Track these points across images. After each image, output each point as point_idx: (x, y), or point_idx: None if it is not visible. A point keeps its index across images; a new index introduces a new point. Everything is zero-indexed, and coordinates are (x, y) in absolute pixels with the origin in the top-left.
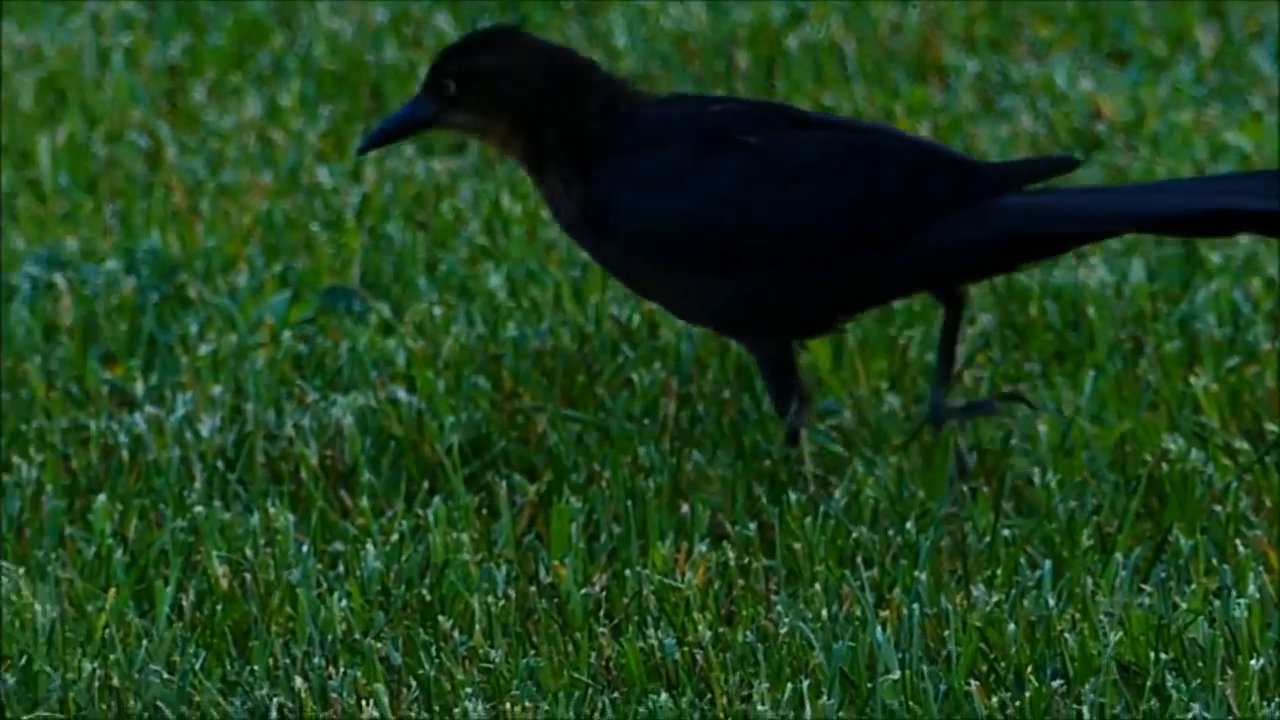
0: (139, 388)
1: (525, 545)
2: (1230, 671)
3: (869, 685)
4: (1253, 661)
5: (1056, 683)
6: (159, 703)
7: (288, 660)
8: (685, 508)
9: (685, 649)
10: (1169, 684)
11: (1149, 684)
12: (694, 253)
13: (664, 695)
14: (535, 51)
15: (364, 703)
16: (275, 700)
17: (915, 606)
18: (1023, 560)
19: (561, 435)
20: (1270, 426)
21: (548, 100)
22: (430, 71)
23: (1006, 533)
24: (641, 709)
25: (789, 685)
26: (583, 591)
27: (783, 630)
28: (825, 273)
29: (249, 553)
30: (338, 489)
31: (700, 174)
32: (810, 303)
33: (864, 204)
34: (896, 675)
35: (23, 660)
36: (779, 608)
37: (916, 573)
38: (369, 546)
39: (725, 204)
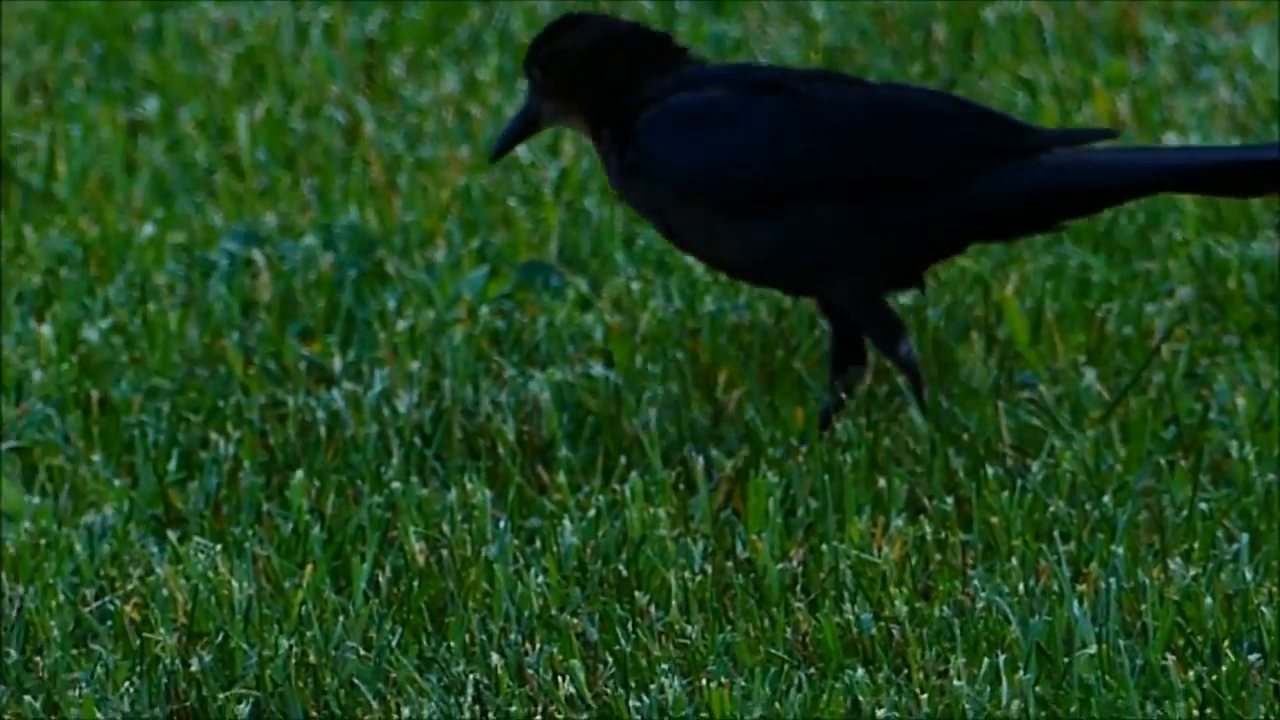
0: (337, 364)
1: (722, 520)
2: None
3: (1065, 660)
4: None
5: (1254, 657)
6: (355, 679)
7: (484, 636)
8: (882, 482)
9: (882, 624)
10: None
11: None
12: (730, 192)
13: (860, 670)
14: (606, 30)
15: (560, 679)
16: (472, 677)
17: (1112, 580)
18: (1220, 534)
19: (759, 409)
20: None
21: (612, 73)
22: (524, 68)
23: (1204, 506)
24: (838, 684)
25: (985, 660)
26: (779, 566)
27: (979, 605)
28: (865, 218)
29: (446, 529)
30: (535, 464)
31: (743, 113)
32: (848, 250)
33: (905, 150)
34: (1093, 650)
35: (220, 638)
36: (976, 582)
37: (1113, 547)
38: (566, 522)
39: (766, 142)
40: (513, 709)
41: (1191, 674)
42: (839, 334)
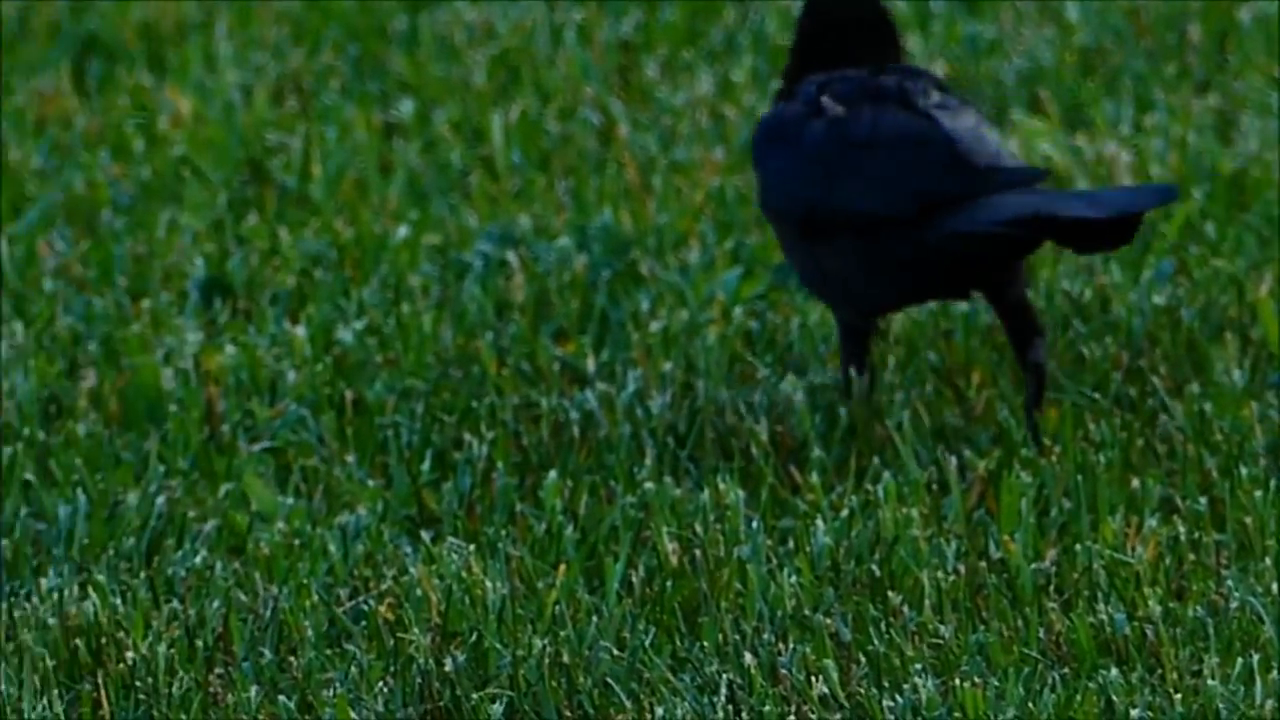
0: (590, 364)
1: (975, 520)
2: None
3: None
4: None
5: None
6: (609, 679)
7: (737, 636)
8: (1135, 482)
9: (1135, 624)
10: None
11: None
12: (771, 209)
13: (1114, 670)
14: (831, 11)
15: (814, 678)
16: (725, 676)
17: None
18: None
19: (1012, 410)
20: None
21: (807, 56)
22: None
23: None
24: (1091, 684)
25: (1239, 660)
26: (1032, 566)
27: (1233, 605)
28: (859, 249)
29: (699, 529)
30: (788, 465)
31: (793, 137)
32: (850, 277)
33: (877, 189)
34: None
35: (473, 637)
36: (1229, 582)
37: None
38: (819, 522)
39: (789, 170)
40: (766, 709)
41: None
42: (1005, 322)
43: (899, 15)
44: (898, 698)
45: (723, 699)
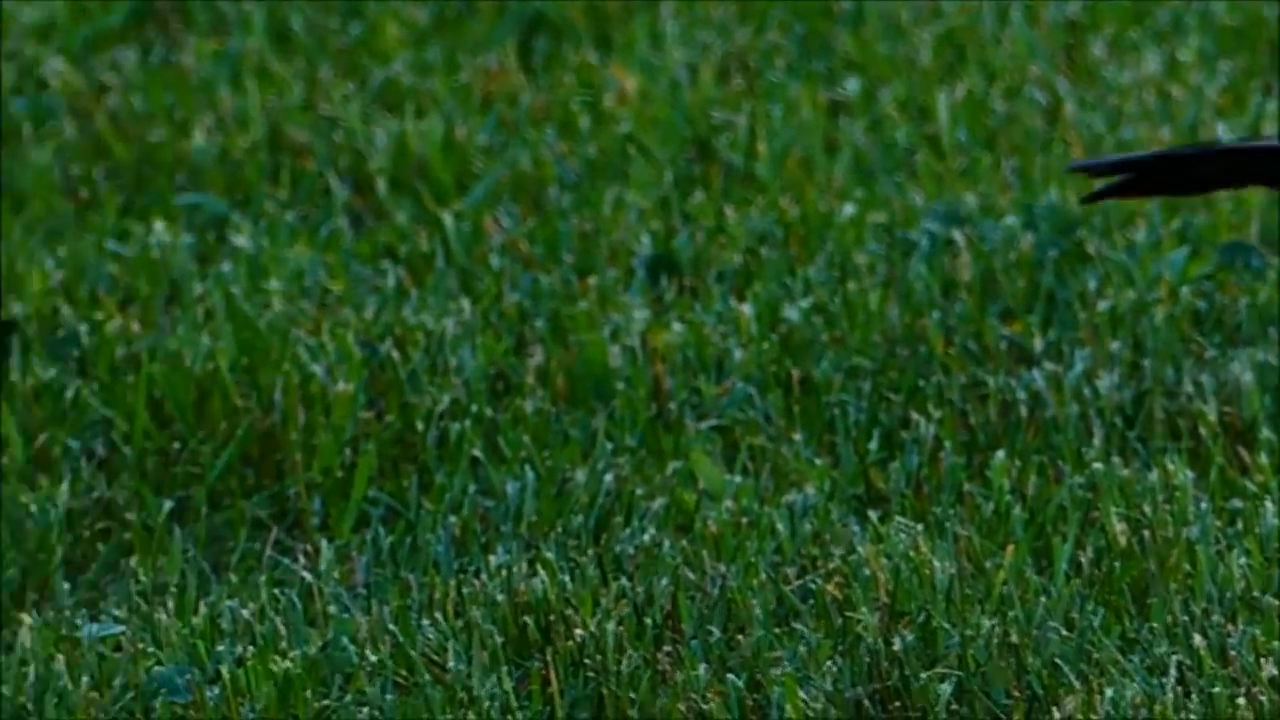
0: (1037, 344)
1: None
2: None
3: None
4: None
5: None
6: (1057, 660)
7: (1186, 618)
8: None
9: None
10: None
11: None
12: None
13: None
14: None
15: (1262, 660)
16: (1174, 658)
17: None
18: None
19: None
20: None
21: None
22: None
23: None
24: None
25: None
26: None
27: None
28: None
29: (1147, 509)
30: (1236, 445)
31: None
32: None
33: None
34: None
35: (921, 617)
36: None
37: None
38: (1268, 504)
39: None
40: (1215, 690)
41: None
42: None
43: None
44: None
45: (1172, 680)
